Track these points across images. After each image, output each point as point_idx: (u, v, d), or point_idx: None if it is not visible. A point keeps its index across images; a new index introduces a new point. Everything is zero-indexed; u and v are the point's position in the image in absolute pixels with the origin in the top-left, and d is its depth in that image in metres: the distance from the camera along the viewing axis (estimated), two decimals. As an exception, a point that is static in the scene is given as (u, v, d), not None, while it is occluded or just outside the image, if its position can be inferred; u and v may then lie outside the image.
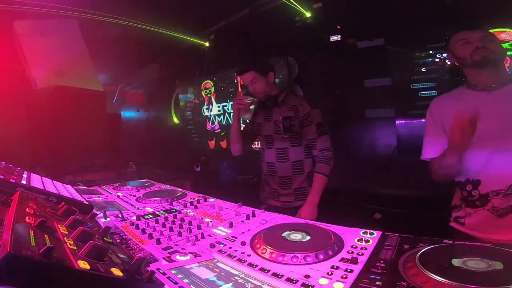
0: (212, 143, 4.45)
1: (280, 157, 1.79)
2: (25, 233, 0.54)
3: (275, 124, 1.78)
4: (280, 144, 1.79)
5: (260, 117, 1.91)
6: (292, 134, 1.75)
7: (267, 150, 1.86)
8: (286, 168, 1.78)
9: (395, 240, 0.82)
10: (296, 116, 1.73)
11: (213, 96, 4.25)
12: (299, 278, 0.68)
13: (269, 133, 1.82)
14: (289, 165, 1.77)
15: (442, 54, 2.22)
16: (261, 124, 1.89)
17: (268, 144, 1.86)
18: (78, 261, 0.50)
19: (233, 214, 1.19)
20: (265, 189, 1.93)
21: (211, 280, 0.69)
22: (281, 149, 1.79)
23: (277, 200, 1.83)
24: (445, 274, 0.59)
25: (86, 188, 1.80)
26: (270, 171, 1.85)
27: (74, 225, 0.69)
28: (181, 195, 1.53)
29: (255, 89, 1.79)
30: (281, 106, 1.79)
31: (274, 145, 1.82)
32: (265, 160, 1.88)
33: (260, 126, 1.89)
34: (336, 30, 2.82)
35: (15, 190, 0.92)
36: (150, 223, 1.11)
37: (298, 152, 1.77)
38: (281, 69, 3.31)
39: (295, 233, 0.90)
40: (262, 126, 1.87)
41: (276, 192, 1.84)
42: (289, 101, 1.79)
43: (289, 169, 1.78)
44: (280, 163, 1.80)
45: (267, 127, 1.84)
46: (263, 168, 1.92)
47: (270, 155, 1.83)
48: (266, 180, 1.91)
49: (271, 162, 1.83)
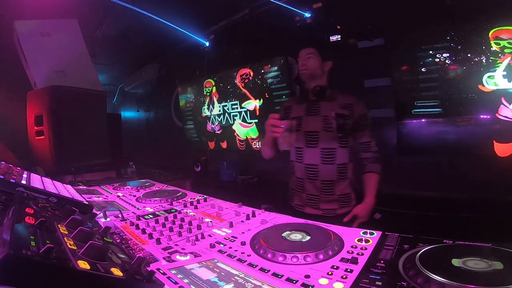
0: (212, 143, 4.46)
1: (326, 158, 1.57)
2: (25, 233, 0.54)
3: (324, 119, 1.57)
4: (327, 144, 1.57)
5: (298, 110, 1.68)
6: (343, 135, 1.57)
7: (308, 150, 1.61)
8: (330, 171, 1.58)
9: (395, 240, 0.82)
10: (350, 116, 1.57)
11: (214, 95, 4.25)
12: (299, 278, 0.68)
13: (315, 129, 1.59)
14: (335, 168, 1.57)
15: (442, 54, 2.22)
16: (301, 118, 1.64)
17: (310, 142, 1.60)
18: (78, 261, 0.50)
19: (233, 214, 1.19)
20: (300, 195, 1.66)
21: (212, 281, 0.69)
22: (328, 150, 1.57)
23: (317, 208, 1.60)
24: (445, 274, 0.59)
25: (86, 188, 1.80)
26: (310, 174, 1.61)
27: (74, 225, 0.69)
28: (181, 195, 1.53)
29: (306, 64, 1.63)
30: (330, 101, 1.61)
31: (318, 144, 1.58)
32: (304, 162, 1.62)
33: (300, 120, 1.64)
34: (336, 30, 2.81)
35: (15, 190, 0.92)
36: (150, 223, 1.11)
37: (344, 154, 1.59)
38: (281, 69, 3.31)
39: (295, 233, 0.90)
40: (304, 121, 1.63)
41: (316, 199, 1.60)
42: (339, 98, 1.61)
43: (333, 173, 1.58)
44: (325, 165, 1.58)
45: (312, 122, 1.60)
46: (298, 171, 1.67)
47: (312, 155, 1.60)
48: (301, 185, 1.65)
49: (314, 164, 1.59)
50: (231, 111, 4.05)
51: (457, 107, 2.19)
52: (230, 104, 4.04)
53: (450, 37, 2.19)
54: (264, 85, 3.55)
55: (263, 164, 3.90)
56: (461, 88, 2.16)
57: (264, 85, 3.56)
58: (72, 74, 3.02)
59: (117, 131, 3.71)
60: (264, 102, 3.61)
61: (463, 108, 2.17)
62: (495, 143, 2.06)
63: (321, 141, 1.58)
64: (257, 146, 3.77)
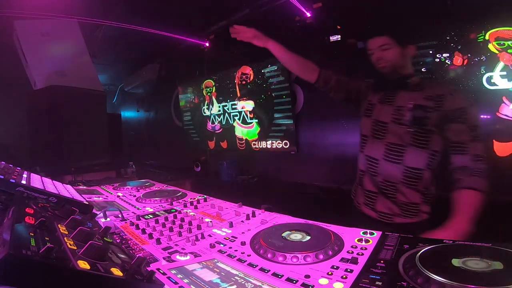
0: (212, 143, 4.46)
1: (391, 155, 1.34)
2: (25, 233, 0.54)
3: (397, 110, 1.34)
4: (395, 139, 1.34)
5: (374, 97, 1.47)
6: (419, 130, 1.29)
7: (373, 140, 1.42)
8: (394, 172, 1.34)
9: (395, 240, 0.82)
10: (437, 108, 1.26)
11: (214, 95, 4.26)
12: (299, 278, 0.68)
13: (385, 119, 1.38)
14: (401, 169, 1.32)
15: (442, 54, 2.23)
16: (374, 105, 1.44)
17: (377, 133, 1.40)
18: (78, 261, 0.50)
19: (233, 214, 1.19)
20: (360, 191, 1.48)
21: (214, 282, 0.69)
22: (395, 145, 1.33)
23: (373, 209, 1.40)
24: (445, 274, 0.59)
25: (86, 188, 1.80)
26: (370, 167, 1.41)
27: (74, 225, 0.69)
28: (181, 195, 1.53)
29: (382, 56, 1.36)
30: (414, 90, 1.33)
31: (386, 137, 1.37)
32: (365, 152, 1.44)
33: (372, 107, 1.44)
34: (336, 30, 2.81)
35: (15, 190, 0.92)
36: (150, 223, 1.11)
37: (418, 156, 1.30)
38: (281, 69, 3.32)
39: (295, 233, 0.90)
40: (376, 108, 1.43)
41: (373, 197, 1.40)
42: (430, 88, 1.32)
43: (398, 174, 1.33)
44: (388, 162, 1.35)
45: (384, 111, 1.39)
46: (359, 161, 1.48)
47: (377, 148, 1.39)
48: (361, 180, 1.47)
49: (375, 158, 1.40)
50: (231, 111, 4.05)
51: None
52: (230, 104, 4.05)
53: (450, 37, 2.19)
54: (264, 85, 3.55)
55: (263, 164, 3.91)
56: (461, 88, 2.16)
57: (264, 85, 3.56)
58: (72, 74, 3.02)
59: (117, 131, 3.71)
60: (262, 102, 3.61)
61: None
62: (495, 142, 2.06)
63: (389, 134, 1.36)
64: (257, 147, 3.77)
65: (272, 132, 3.57)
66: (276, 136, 3.52)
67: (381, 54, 1.37)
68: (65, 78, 2.95)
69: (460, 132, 1.22)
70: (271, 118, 3.55)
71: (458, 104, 1.24)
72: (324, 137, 3.16)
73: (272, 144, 3.57)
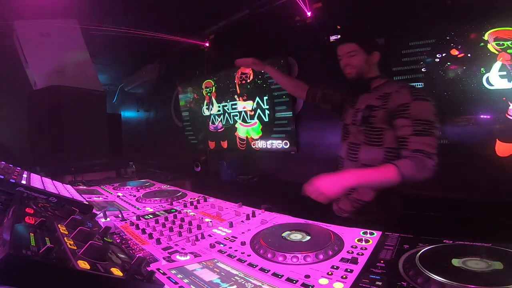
0: (212, 143, 4.46)
1: (350, 153, 1.47)
2: (25, 233, 0.54)
3: (355, 112, 1.45)
4: (354, 138, 1.46)
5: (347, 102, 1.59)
6: (369, 129, 1.37)
7: (342, 142, 1.57)
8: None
9: (395, 240, 0.82)
10: (383, 106, 1.33)
11: (214, 96, 4.26)
12: (299, 278, 0.68)
13: (347, 122, 1.53)
14: (358, 166, 1.41)
15: (442, 54, 2.23)
16: (346, 110, 1.56)
17: (343, 135, 1.55)
18: (78, 261, 0.50)
19: (233, 214, 1.19)
20: None
21: (214, 282, 0.69)
22: (353, 145, 1.46)
23: (336, 205, 1.52)
24: (445, 274, 0.59)
25: (86, 188, 1.80)
26: (340, 166, 1.56)
27: (74, 225, 0.69)
28: (181, 195, 1.53)
29: (350, 62, 1.44)
30: (371, 92, 1.43)
31: (348, 138, 1.50)
32: (338, 153, 1.59)
33: (345, 112, 1.57)
34: (336, 30, 2.81)
35: (15, 190, 0.92)
36: (150, 223, 1.11)
37: (371, 153, 1.37)
38: (281, 69, 3.31)
39: (295, 233, 0.90)
40: (345, 113, 1.56)
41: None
42: (385, 87, 1.39)
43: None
44: (349, 161, 1.47)
45: (348, 114, 1.53)
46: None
47: (343, 148, 1.54)
48: None
49: (341, 157, 1.54)
50: (231, 111, 4.05)
51: (457, 106, 2.19)
52: (230, 104, 4.05)
53: (450, 37, 2.19)
54: (264, 85, 3.55)
55: (263, 164, 3.90)
56: (461, 88, 2.16)
57: (264, 85, 3.56)
58: (72, 74, 3.02)
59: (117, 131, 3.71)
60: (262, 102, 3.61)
61: (463, 107, 2.18)
62: (498, 142, 2.06)
63: (351, 135, 1.48)
64: (257, 146, 3.77)
65: (273, 133, 3.57)
66: (277, 137, 3.52)
67: (348, 60, 1.45)
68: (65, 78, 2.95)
69: (403, 127, 1.26)
70: (271, 118, 3.55)
71: (402, 100, 1.28)
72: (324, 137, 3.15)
73: (272, 144, 3.57)
